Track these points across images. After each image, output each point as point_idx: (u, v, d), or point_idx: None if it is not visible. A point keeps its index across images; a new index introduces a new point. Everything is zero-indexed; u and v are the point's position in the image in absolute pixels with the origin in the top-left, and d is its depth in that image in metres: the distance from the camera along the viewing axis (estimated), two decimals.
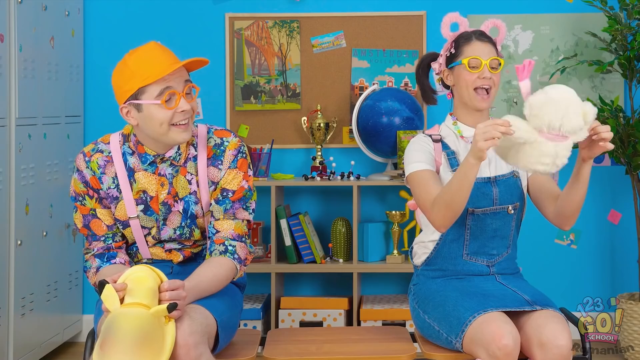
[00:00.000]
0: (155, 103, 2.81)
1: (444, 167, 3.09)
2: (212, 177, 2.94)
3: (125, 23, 5.01)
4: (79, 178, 2.94)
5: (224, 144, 2.95)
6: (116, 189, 2.93)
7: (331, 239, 4.84)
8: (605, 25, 4.63)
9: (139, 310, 2.57)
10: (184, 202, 2.94)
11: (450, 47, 3.13)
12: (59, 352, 4.74)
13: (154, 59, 2.83)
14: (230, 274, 2.90)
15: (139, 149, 2.92)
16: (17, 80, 4.12)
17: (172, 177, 2.93)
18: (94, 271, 2.93)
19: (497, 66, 3.08)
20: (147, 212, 2.94)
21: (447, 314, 2.95)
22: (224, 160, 2.93)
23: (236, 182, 2.94)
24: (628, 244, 4.94)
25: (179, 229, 2.95)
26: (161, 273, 2.68)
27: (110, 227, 2.95)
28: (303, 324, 4.71)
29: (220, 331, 2.79)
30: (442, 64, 3.16)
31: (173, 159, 2.92)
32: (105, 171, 2.93)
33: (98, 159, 2.93)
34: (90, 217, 2.95)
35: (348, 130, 4.98)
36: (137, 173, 2.93)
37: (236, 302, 3.00)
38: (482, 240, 3.09)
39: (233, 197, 2.93)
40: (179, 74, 2.84)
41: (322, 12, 4.99)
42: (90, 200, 2.94)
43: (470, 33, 3.12)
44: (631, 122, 4.56)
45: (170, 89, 2.81)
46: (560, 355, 2.80)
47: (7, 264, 4.07)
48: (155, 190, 2.93)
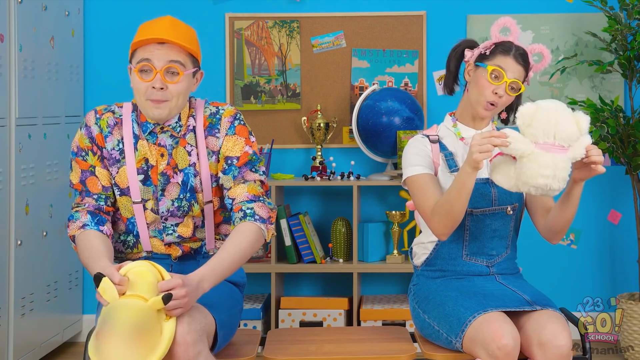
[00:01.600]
0: (134, 69, 2.84)
1: (441, 168, 3.08)
2: (211, 147, 2.93)
3: (125, 23, 5.00)
4: (85, 133, 2.94)
5: (219, 112, 2.94)
6: (119, 152, 2.93)
7: (331, 239, 4.84)
8: (605, 25, 4.63)
9: (136, 301, 2.56)
10: (183, 174, 2.92)
11: (489, 47, 3.09)
12: (59, 352, 4.74)
13: (152, 26, 2.84)
14: (256, 237, 2.83)
15: (141, 118, 2.93)
16: (17, 80, 4.12)
17: (172, 148, 2.93)
18: (79, 224, 2.90)
19: (516, 89, 3.04)
20: (146, 182, 2.93)
21: (447, 314, 2.95)
22: (220, 128, 2.92)
23: (238, 147, 2.91)
24: (628, 244, 4.95)
25: (177, 201, 2.93)
26: (162, 269, 2.66)
27: (106, 188, 2.94)
28: (303, 324, 4.71)
29: (219, 330, 2.79)
30: (473, 56, 3.11)
31: (173, 129, 2.92)
32: (112, 131, 2.93)
33: (108, 118, 2.94)
34: (89, 174, 2.94)
35: (348, 130, 4.98)
36: (140, 140, 2.93)
37: (235, 301, 2.99)
38: (482, 240, 3.09)
39: (238, 163, 2.91)
40: (165, 50, 2.82)
41: (322, 12, 4.99)
42: (93, 157, 2.94)
43: (512, 46, 3.06)
44: (631, 122, 4.56)
45: (147, 61, 2.82)
46: (560, 355, 2.80)
47: (7, 264, 4.07)
48: (155, 160, 2.93)
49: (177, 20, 2.89)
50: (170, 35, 2.82)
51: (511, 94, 3.04)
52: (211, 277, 2.72)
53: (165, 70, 2.83)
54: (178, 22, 2.88)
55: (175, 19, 2.89)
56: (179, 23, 2.88)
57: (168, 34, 2.82)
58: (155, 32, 2.82)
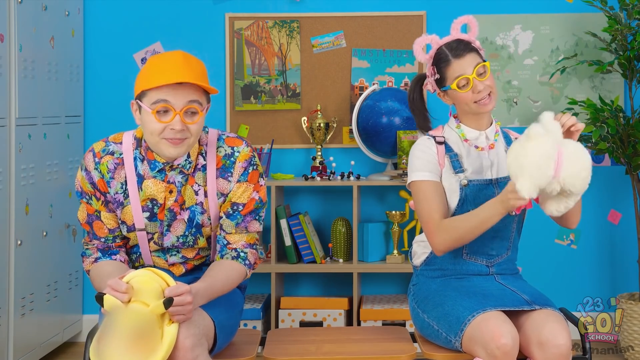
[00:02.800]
0: (148, 110, 2.76)
1: (446, 169, 3.08)
2: (221, 189, 2.89)
3: (125, 23, 5.00)
4: (86, 177, 2.88)
5: (234, 154, 2.89)
6: (123, 195, 2.88)
7: (331, 239, 4.84)
8: (605, 25, 4.62)
9: (137, 306, 2.58)
10: (190, 212, 2.89)
11: (434, 73, 3.10)
12: (59, 352, 4.74)
13: (164, 66, 2.74)
14: (241, 277, 2.89)
15: (148, 155, 2.86)
16: (17, 80, 4.12)
17: (181, 186, 2.88)
18: (92, 260, 2.92)
19: (484, 71, 3.05)
20: (152, 219, 2.91)
21: (446, 313, 2.96)
22: (233, 173, 2.88)
23: (246, 195, 2.89)
24: (628, 244, 4.94)
25: (182, 237, 2.92)
26: (166, 275, 2.66)
27: (112, 230, 2.92)
28: (303, 324, 4.71)
29: (218, 332, 2.79)
30: (434, 85, 3.12)
31: (182, 167, 2.87)
32: (114, 175, 2.87)
33: (108, 162, 2.87)
34: (94, 218, 2.91)
35: (348, 130, 4.98)
36: (146, 180, 2.87)
37: (235, 302, 2.99)
38: (483, 240, 3.09)
39: (244, 211, 2.89)
40: (184, 90, 2.75)
41: (322, 12, 4.99)
42: (97, 202, 2.90)
43: (446, 52, 3.07)
44: (631, 122, 4.55)
45: (166, 102, 2.74)
46: (560, 354, 2.80)
47: (7, 264, 4.07)
48: (162, 198, 2.89)
49: (188, 55, 2.80)
50: (187, 76, 2.72)
51: (484, 78, 3.04)
52: (204, 295, 2.74)
53: (185, 112, 2.76)
54: (190, 57, 2.80)
55: (187, 54, 2.80)
56: (190, 59, 2.79)
57: (185, 75, 2.72)
58: (171, 74, 2.72)
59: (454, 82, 3.04)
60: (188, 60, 2.77)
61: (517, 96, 4.96)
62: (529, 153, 2.73)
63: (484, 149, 3.10)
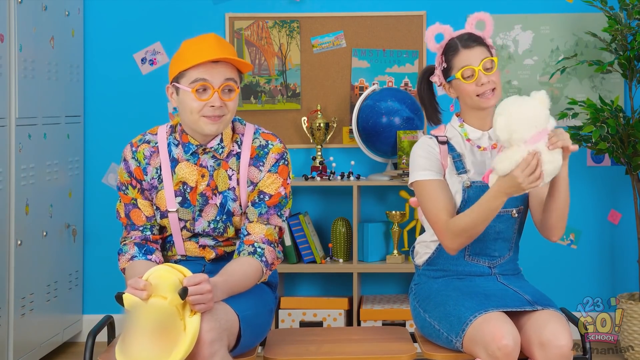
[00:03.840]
0: (187, 89, 2.87)
1: (449, 170, 3.07)
2: (252, 177, 2.97)
3: (125, 23, 5.01)
4: (124, 168, 3.00)
5: (268, 146, 2.98)
6: (157, 179, 2.98)
7: (331, 239, 4.84)
8: (605, 25, 4.63)
9: (156, 300, 2.61)
10: (222, 197, 2.97)
11: (442, 62, 3.11)
12: (59, 352, 4.74)
13: (200, 45, 2.87)
14: (257, 275, 2.91)
15: (183, 139, 2.97)
16: (17, 80, 4.12)
17: (213, 170, 2.97)
18: (128, 257, 2.97)
19: (491, 66, 3.06)
20: (184, 204, 2.97)
21: (447, 313, 2.95)
22: (265, 163, 2.97)
23: (274, 186, 2.96)
24: (628, 244, 4.94)
25: (213, 222, 2.98)
26: (182, 268, 2.70)
27: (149, 218, 3.00)
28: (303, 324, 4.71)
29: (243, 328, 2.78)
30: (440, 77, 3.13)
31: (215, 151, 2.96)
32: (150, 162, 2.98)
33: (145, 149, 2.99)
34: (131, 207, 3.00)
35: (348, 130, 4.98)
36: (179, 164, 2.97)
37: (265, 300, 3.00)
38: (485, 242, 3.08)
39: (269, 202, 2.95)
40: (220, 68, 2.87)
41: (322, 12, 4.99)
42: (133, 190, 2.99)
43: (456, 42, 3.08)
44: (631, 122, 4.56)
45: (204, 81, 2.86)
46: (561, 355, 2.80)
47: (7, 264, 4.07)
48: (195, 180, 2.97)
49: (221, 37, 2.94)
50: (223, 52, 2.87)
51: (490, 72, 3.04)
52: (223, 288, 2.76)
53: (222, 89, 2.88)
54: (221, 38, 2.93)
55: (219, 36, 2.93)
56: (222, 40, 2.93)
57: (222, 52, 2.86)
58: (207, 53, 2.85)
59: (459, 71, 3.04)
60: (221, 41, 2.91)
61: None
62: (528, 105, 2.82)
63: (486, 149, 3.09)
